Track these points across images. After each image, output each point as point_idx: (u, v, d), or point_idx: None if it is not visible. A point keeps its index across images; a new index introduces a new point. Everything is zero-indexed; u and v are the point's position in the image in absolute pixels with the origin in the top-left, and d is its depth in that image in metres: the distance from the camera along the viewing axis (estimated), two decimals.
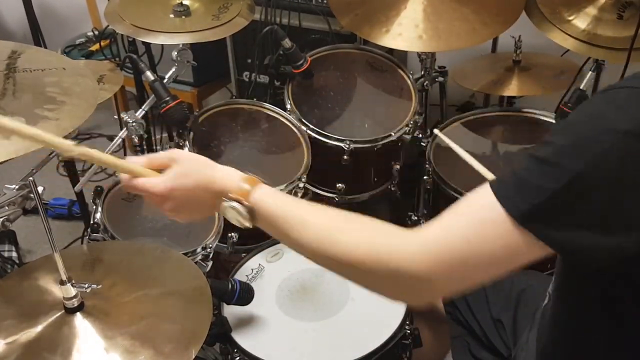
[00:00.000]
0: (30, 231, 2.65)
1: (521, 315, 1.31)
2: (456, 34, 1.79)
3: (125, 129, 1.65)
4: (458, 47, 1.77)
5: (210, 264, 1.51)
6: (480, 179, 1.72)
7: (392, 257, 0.78)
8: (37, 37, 2.67)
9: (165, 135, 2.29)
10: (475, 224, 0.76)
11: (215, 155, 1.73)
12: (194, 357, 1.06)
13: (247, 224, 0.92)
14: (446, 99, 2.14)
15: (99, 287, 1.12)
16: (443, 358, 1.67)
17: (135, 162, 0.99)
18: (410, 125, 1.84)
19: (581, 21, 1.76)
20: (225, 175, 0.95)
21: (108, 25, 1.79)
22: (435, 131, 1.72)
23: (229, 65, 2.50)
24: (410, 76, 1.94)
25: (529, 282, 1.32)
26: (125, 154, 2.32)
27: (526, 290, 1.32)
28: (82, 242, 2.36)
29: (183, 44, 1.73)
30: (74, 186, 1.81)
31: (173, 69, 1.77)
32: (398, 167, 1.91)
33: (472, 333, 1.38)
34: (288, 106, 1.84)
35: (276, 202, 0.90)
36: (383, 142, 1.80)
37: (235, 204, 0.91)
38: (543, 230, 0.73)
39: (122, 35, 2.27)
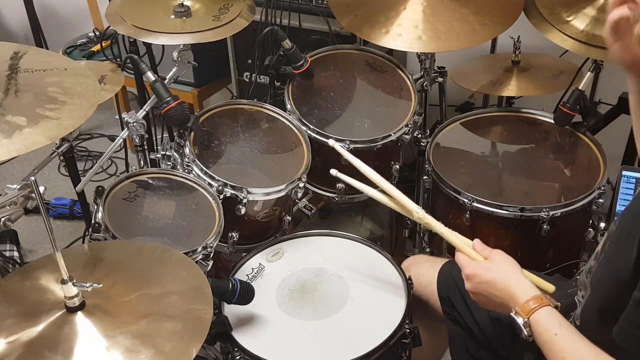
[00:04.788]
0: (32, 231, 2.66)
1: None
2: (455, 34, 1.79)
3: (126, 129, 1.65)
4: (457, 47, 1.78)
5: (210, 263, 1.51)
6: (479, 180, 1.74)
7: None
8: (39, 38, 2.68)
9: (166, 135, 2.29)
10: None
11: (215, 155, 1.74)
12: (194, 356, 1.07)
13: (524, 334, 1.06)
14: (445, 99, 2.15)
15: (100, 286, 1.12)
16: (440, 357, 1.67)
17: (467, 243, 1.23)
18: (409, 126, 1.85)
19: (580, 22, 1.76)
20: (520, 289, 1.09)
21: (109, 26, 1.80)
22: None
23: (230, 65, 2.51)
24: (410, 76, 1.94)
25: None
26: (126, 154, 2.34)
27: None
28: (83, 242, 2.37)
29: (184, 45, 1.74)
30: (75, 186, 1.82)
31: (174, 70, 1.77)
32: (398, 167, 1.92)
33: (470, 332, 1.39)
34: (288, 106, 1.85)
35: (547, 327, 1.03)
36: (383, 142, 1.80)
37: (516, 316, 1.07)
38: None
39: (123, 36, 2.28)
